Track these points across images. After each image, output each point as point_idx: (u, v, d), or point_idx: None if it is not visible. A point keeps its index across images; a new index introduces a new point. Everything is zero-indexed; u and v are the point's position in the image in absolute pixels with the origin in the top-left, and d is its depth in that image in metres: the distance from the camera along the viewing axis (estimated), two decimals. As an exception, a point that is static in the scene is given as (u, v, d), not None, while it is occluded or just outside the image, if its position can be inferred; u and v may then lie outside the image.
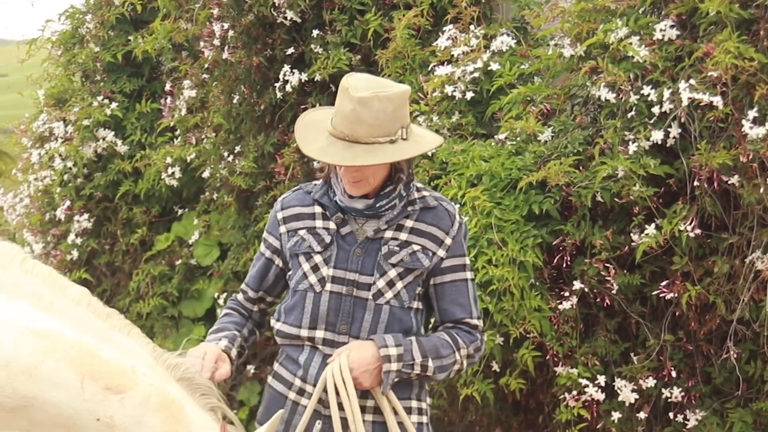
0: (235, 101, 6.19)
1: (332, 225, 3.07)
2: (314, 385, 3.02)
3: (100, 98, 7.08)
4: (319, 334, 3.05)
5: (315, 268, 3.06)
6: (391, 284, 3.01)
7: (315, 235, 3.08)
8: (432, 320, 3.21)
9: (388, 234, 3.04)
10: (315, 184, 3.16)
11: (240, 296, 3.31)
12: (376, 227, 3.03)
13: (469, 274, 3.13)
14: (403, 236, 3.04)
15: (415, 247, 3.03)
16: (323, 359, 3.04)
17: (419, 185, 3.14)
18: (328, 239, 3.06)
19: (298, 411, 3.06)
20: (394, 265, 3.02)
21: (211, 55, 6.11)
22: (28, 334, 2.54)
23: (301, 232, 3.10)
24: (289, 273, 3.14)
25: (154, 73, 7.55)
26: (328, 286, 3.03)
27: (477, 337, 3.12)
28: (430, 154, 4.73)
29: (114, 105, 7.05)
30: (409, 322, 3.05)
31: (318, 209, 3.10)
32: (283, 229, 3.14)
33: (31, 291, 2.64)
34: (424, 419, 3.15)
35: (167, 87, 7.17)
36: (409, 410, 3.07)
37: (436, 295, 3.10)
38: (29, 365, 2.51)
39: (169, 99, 7.11)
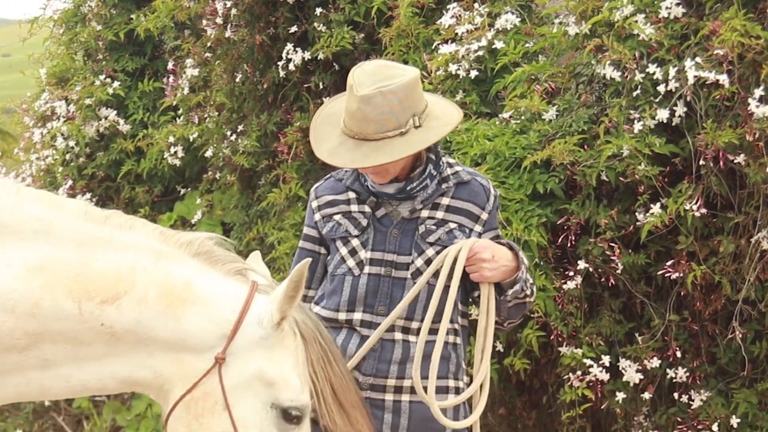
0: (237, 80, 6.17)
1: (367, 208, 3.07)
2: (353, 367, 3.01)
3: (102, 77, 7.06)
4: (357, 315, 3.05)
5: (353, 252, 3.06)
6: (429, 262, 3.01)
7: (351, 219, 3.08)
8: (476, 293, 3.12)
9: (425, 213, 3.03)
10: (345, 171, 3.14)
11: None
12: (412, 207, 3.03)
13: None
14: (440, 215, 3.04)
15: (452, 225, 3.03)
16: (361, 340, 3.03)
17: (450, 160, 3.14)
18: (364, 222, 3.06)
19: None
20: (431, 244, 3.02)
21: (214, 34, 6.09)
22: (23, 273, 2.65)
23: (336, 217, 3.10)
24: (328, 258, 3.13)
25: (157, 52, 7.53)
26: (367, 269, 3.03)
27: None
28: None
29: (116, 84, 7.02)
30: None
31: (352, 195, 3.10)
32: (317, 216, 3.14)
33: (30, 215, 2.71)
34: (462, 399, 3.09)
35: (170, 66, 7.15)
36: (446, 389, 3.05)
37: None
38: (32, 305, 2.64)
39: (171, 78, 7.08)
